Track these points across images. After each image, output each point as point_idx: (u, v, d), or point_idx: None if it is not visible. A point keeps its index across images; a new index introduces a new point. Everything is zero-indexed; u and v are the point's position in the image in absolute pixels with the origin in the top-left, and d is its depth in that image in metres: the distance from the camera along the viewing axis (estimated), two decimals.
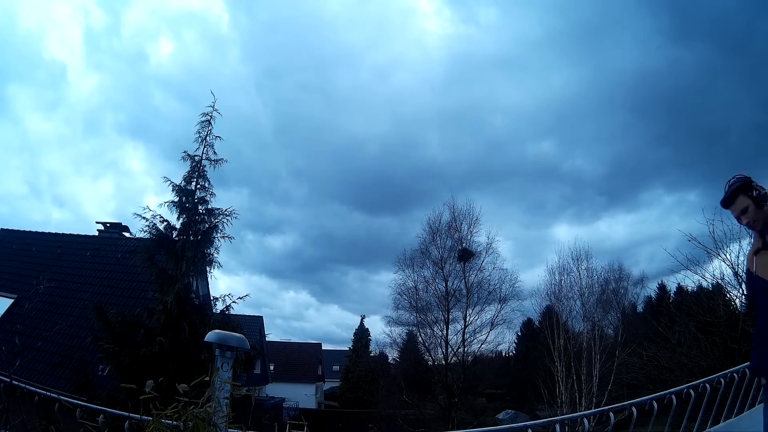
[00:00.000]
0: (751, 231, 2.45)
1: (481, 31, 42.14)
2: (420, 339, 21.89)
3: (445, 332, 20.49)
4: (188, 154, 8.33)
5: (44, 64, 43.03)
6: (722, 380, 4.11)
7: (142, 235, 8.22)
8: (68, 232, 14.90)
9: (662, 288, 24.75)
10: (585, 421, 3.64)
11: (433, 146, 40.27)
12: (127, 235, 14.08)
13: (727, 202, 2.37)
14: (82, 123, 47.86)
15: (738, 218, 2.36)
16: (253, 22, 47.64)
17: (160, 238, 8.12)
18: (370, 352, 33.45)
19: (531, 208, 38.51)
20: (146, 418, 1.65)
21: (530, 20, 40.04)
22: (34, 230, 15.15)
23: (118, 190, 45.69)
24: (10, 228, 15.54)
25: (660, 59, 32.66)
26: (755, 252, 2.37)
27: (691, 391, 3.90)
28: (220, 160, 8.44)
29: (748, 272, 2.43)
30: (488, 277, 20.45)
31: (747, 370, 3.92)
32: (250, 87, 47.42)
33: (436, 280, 20.96)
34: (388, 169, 40.35)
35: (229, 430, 1.81)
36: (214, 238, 8.29)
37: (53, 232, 15.05)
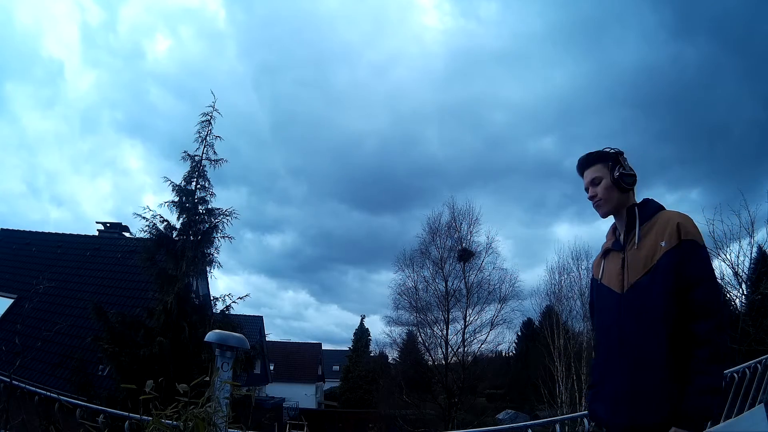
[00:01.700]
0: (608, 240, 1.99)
1: (482, 25, 42.20)
2: (420, 339, 21.88)
3: (445, 332, 20.49)
4: (188, 154, 8.33)
5: (41, 62, 43.21)
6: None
7: (142, 235, 8.21)
8: (68, 232, 14.94)
9: None
10: (585, 421, 3.63)
11: (433, 143, 40.23)
12: (127, 235, 14.06)
13: (582, 165, 1.91)
14: (80, 121, 48.04)
15: (586, 189, 1.94)
16: (250, 18, 47.76)
17: (160, 238, 8.12)
18: (370, 352, 33.40)
19: (531, 207, 38.34)
20: (146, 418, 1.64)
21: (531, 14, 40.12)
22: (33, 230, 15.21)
23: (116, 189, 45.83)
24: (9, 228, 15.60)
25: (662, 55, 32.51)
26: (603, 254, 1.95)
27: None
28: (220, 160, 8.45)
29: (593, 281, 1.99)
30: (488, 277, 20.44)
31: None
32: (247, 83, 47.53)
33: (436, 280, 20.95)
34: (388, 166, 40.36)
35: (229, 430, 1.81)
36: (214, 238, 8.29)
37: (53, 231, 15.11)
